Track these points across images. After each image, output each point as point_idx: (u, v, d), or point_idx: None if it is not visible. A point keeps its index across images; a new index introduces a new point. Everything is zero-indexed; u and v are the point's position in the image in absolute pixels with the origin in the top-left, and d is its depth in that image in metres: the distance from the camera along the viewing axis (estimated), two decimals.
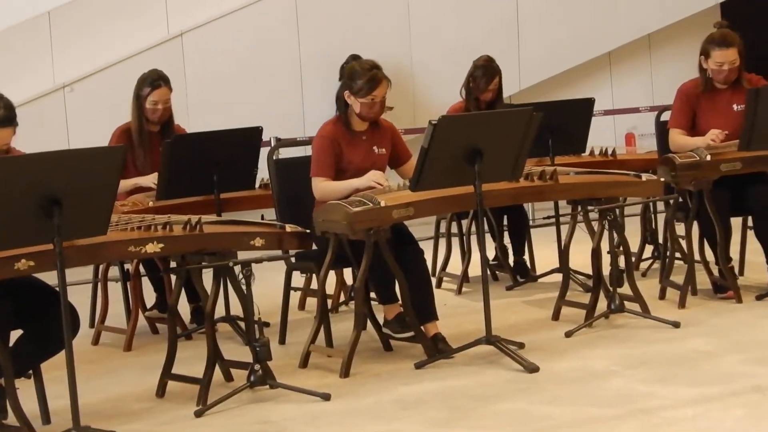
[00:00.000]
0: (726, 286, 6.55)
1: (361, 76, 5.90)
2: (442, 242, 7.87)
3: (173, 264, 5.65)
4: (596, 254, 6.16)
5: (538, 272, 7.66)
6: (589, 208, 6.15)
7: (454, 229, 7.79)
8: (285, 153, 6.84)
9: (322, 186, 5.91)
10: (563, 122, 7.26)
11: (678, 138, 6.65)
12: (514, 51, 10.99)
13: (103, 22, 10.60)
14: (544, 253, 7.92)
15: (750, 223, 6.79)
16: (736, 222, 6.72)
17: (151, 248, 5.01)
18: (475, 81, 7.51)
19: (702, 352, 5.55)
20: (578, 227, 6.31)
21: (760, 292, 6.55)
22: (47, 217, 4.44)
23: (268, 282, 6.84)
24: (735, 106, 6.60)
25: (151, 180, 6.62)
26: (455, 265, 7.73)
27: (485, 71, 7.50)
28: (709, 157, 6.34)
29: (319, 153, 5.96)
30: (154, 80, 6.80)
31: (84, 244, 4.75)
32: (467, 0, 11.02)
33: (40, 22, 10.55)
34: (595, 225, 6.19)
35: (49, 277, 4.83)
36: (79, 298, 6.63)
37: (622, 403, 4.82)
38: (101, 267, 6.87)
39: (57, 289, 4.69)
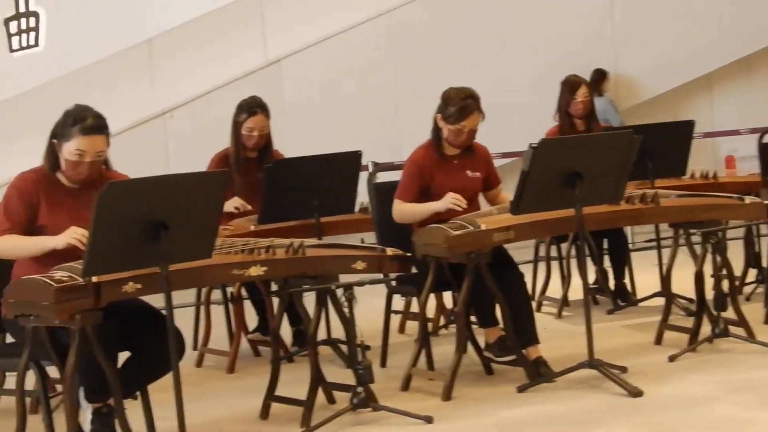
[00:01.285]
0: None
1: (454, 103, 5.93)
2: (541, 266, 7.84)
3: (275, 287, 5.71)
4: (699, 278, 6.08)
5: (638, 296, 7.60)
6: (692, 231, 6.08)
7: (553, 252, 7.76)
8: (382, 177, 6.86)
9: (400, 208, 5.96)
10: (663, 145, 7.19)
11: None
12: (610, 74, 10.94)
13: (202, 49, 10.76)
14: (644, 276, 7.84)
15: None
16: None
17: (255, 271, 5.05)
18: (563, 97, 7.61)
19: None
20: (680, 250, 6.25)
21: None
22: (154, 241, 4.51)
23: (368, 305, 6.85)
24: None
25: (231, 204, 6.68)
26: (554, 289, 7.69)
27: (570, 85, 7.64)
28: None
29: (405, 177, 6.02)
30: (251, 107, 6.87)
31: (189, 267, 4.81)
32: (561, 23, 11.01)
33: (141, 50, 10.76)
34: (698, 248, 6.12)
35: (154, 300, 4.91)
36: (182, 321, 6.66)
37: (726, 429, 4.77)
38: (204, 290, 6.96)
39: (163, 311, 4.76)
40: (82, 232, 4.69)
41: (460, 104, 5.91)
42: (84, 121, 4.83)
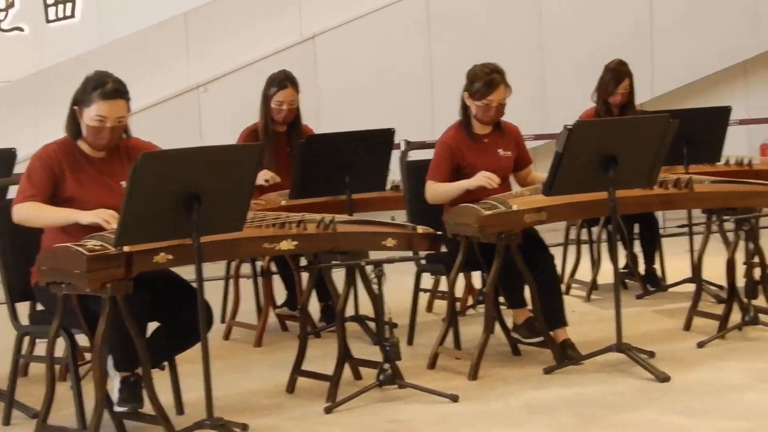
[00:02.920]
0: None
1: (480, 78, 5.93)
2: (571, 249, 7.81)
3: (304, 262, 5.71)
4: (731, 265, 6.05)
5: (669, 282, 7.57)
6: (725, 217, 6.05)
7: (584, 235, 7.74)
8: (415, 155, 6.84)
9: (433, 188, 5.98)
10: (698, 130, 7.13)
11: None
12: (647, 58, 10.87)
13: (237, 24, 10.75)
14: (674, 262, 7.82)
15: None
16: None
17: (286, 245, 5.05)
18: (605, 84, 7.51)
19: None
20: (712, 237, 6.22)
21: None
22: (186, 212, 4.52)
23: (397, 283, 6.85)
24: None
25: (261, 177, 6.68)
26: (584, 272, 7.67)
27: (614, 74, 7.53)
28: None
29: (437, 158, 6.03)
30: (281, 81, 6.90)
31: (220, 240, 4.81)
32: (600, 7, 10.93)
33: (176, 24, 10.74)
34: (730, 235, 6.09)
35: (185, 272, 4.92)
36: (211, 294, 6.66)
37: (756, 417, 4.74)
38: (233, 264, 6.98)
39: (193, 284, 4.77)
40: (110, 214, 4.69)
41: (486, 78, 5.91)
42: (104, 86, 4.84)
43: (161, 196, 4.47)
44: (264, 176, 6.71)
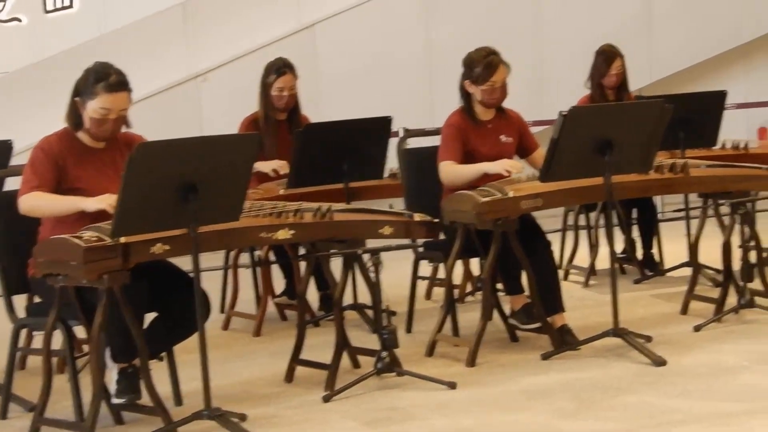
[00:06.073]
0: None
1: (478, 63, 5.96)
2: (569, 234, 7.83)
3: (302, 251, 5.74)
4: (727, 248, 6.07)
5: (666, 266, 7.58)
6: (721, 201, 6.07)
7: (582, 221, 7.75)
8: (413, 143, 6.85)
9: (450, 168, 5.93)
10: (695, 115, 7.14)
11: None
12: (646, 42, 10.87)
13: (236, 12, 10.75)
14: (672, 247, 7.83)
15: None
16: None
17: (283, 235, 5.06)
18: (597, 67, 7.56)
19: None
20: (709, 221, 6.23)
21: None
22: (183, 203, 4.54)
23: (395, 271, 6.87)
24: None
25: (269, 166, 6.69)
26: (582, 258, 7.69)
27: (605, 56, 7.59)
28: None
29: (446, 139, 6.02)
30: (279, 68, 6.91)
31: (217, 230, 4.83)
32: None
33: (174, 13, 10.74)
34: (726, 219, 6.10)
35: (183, 262, 4.94)
36: (209, 284, 6.68)
37: (752, 399, 4.76)
38: (232, 254, 7.00)
39: (191, 274, 4.79)
40: (115, 199, 4.71)
41: (485, 62, 5.94)
42: (107, 78, 4.85)
43: (157, 187, 4.48)
44: (271, 166, 6.70)
